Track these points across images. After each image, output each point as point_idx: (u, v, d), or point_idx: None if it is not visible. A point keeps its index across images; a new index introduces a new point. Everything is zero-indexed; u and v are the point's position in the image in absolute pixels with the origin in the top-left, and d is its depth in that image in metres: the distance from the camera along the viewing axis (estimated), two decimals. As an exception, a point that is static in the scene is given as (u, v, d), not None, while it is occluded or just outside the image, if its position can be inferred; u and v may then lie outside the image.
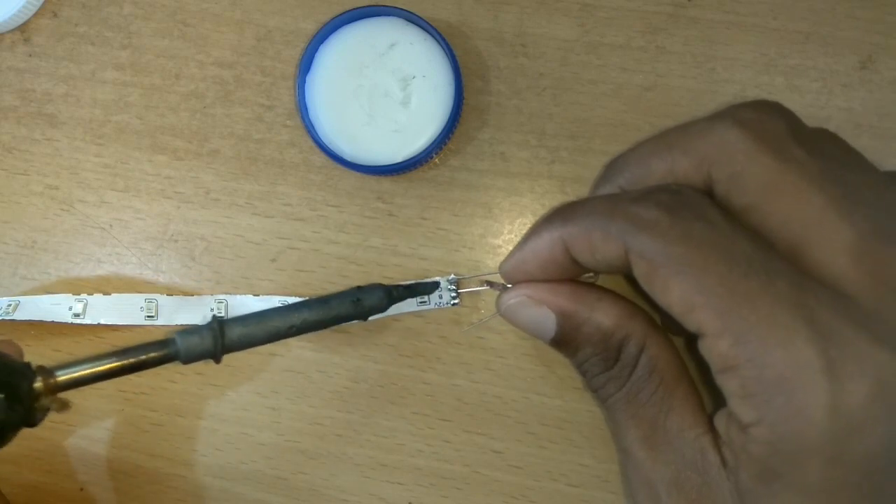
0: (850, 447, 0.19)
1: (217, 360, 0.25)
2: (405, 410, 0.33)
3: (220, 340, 0.24)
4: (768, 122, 0.23)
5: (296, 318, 0.25)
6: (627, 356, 0.24)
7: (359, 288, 0.26)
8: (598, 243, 0.23)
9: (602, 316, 0.24)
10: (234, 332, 0.25)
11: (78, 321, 0.33)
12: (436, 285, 0.30)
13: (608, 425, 0.25)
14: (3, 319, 0.32)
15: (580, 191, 0.34)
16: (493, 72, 0.34)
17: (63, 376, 0.23)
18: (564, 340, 0.25)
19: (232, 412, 0.34)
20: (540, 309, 0.25)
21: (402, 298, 0.28)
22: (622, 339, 0.24)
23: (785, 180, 0.22)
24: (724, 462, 0.22)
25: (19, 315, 0.33)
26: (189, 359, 0.24)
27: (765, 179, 0.22)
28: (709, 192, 0.23)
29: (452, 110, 0.32)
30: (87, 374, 0.23)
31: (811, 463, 0.20)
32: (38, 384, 0.23)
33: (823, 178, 0.22)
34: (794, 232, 0.21)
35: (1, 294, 0.35)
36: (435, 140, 0.32)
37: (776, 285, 0.20)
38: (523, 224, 0.34)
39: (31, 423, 0.23)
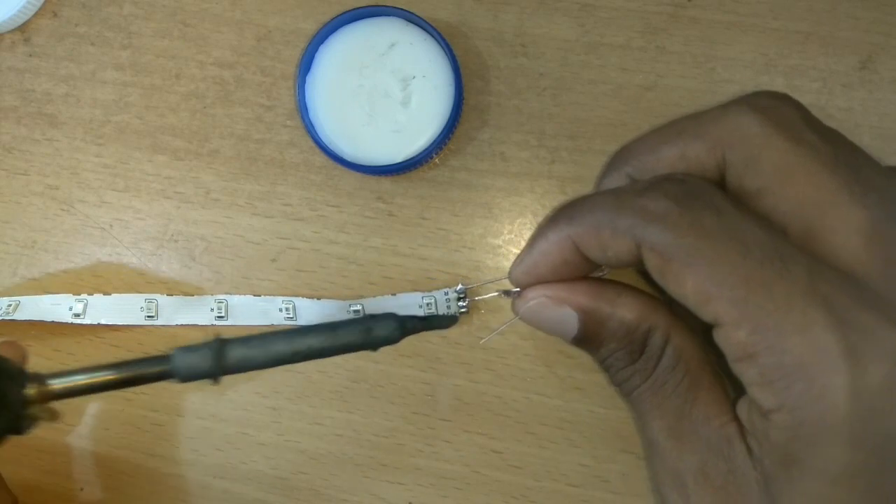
0: (871, 430, 0.20)
1: (216, 381, 0.24)
2: (405, 410, 0.33)
3: (219, 361, 0.23)
4: (782, 107, 0.23)
5: (301, 345, 0.24)
6: (653, 348, 0.24)
7: (371, 317, 0.25)
8: (608, 240, 0.23)
9: (625, 310, 0.24)
10: (234, 354, 0.24)
11: (78, 321, 0.33)
12: (454, 319, 0.29)
13: (633, 418, 0.25)
14: (3, 319, 0.32)
15: (580, 191, 0.33)
16: (493, 72, 0.34)
17: (57, 385, 0.22)
18: (588, 338, 0.25)
19: (232, 412, 0.34)
20: (561, 309, 0.25)
21: (415, 331, 0.26)
22: (646, 331, 0.24)
23: (799, 163, 0.22)
24: (749, 450, 0.22)
25: (19, 315, 0.33)
26: (187, 378, 0.23)
27: (779, 162, 0.22)
28: (719, 178, 0.23)
29: (452, 110, 0.32)
30: (83, 384, 0.23)
31: (832, 447, 0.20)
32: (30, 391, 0.22)
33: (836, 162, 0.22)
34: (807, 215, 0.22)
35: (1, 294, 0.35)
36: (435, 140, 0.32)
37: (791, 272, 0.20)
38: (523, 224, 0.34)
39: (19, 430, 0.22)
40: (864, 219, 0.21)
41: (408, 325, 0.26)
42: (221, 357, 0.24)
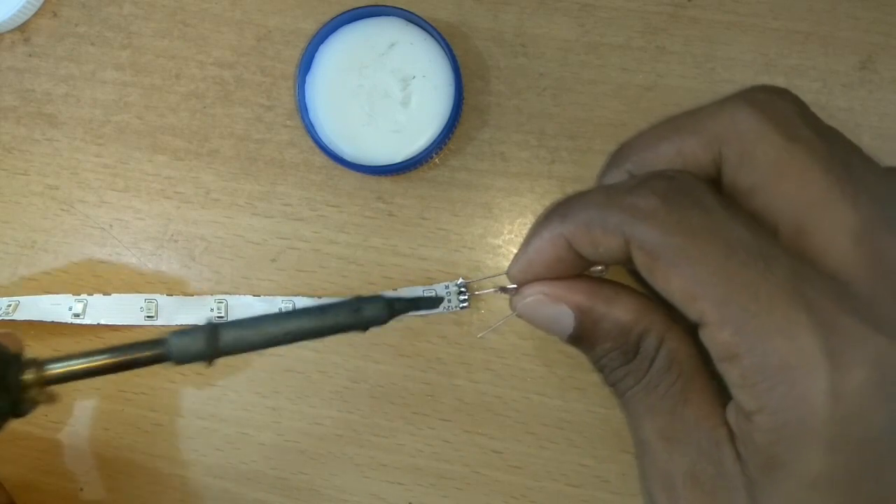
0: (852, 433, 0.20)
1: (210, 362, 0.24)
2: (405, 410, 0.33)
3: (212, 342, 0.24)
4: (779, 102, 0.23)
5: (292, 325, 0.25)
6: (647, 349, 0.24)
7: (359, 298, 0.26)
8: (599, 237, 0.23)
9: (621, 311, 0.24)
10: (228, 335, 0.24)
11: (78, 321, 0.33)
12: (439, 300, 0.29)
13: (625, 418, 0.26)
14: (3, 319, 0.32)
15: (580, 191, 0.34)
16: (493, 72, 0.34)
17: (54, 370, 0.23)
18: (583, 336, 0.25)
19: (232, 412, 0.34)
20: (557, 306, 0.25)
21: (403, 312, 0.26)
22: (641, 332, 0.24)
23: (793, 159, 0.22)
24: (738, 455, 0.22)
25: (19, 315, 0.33)
26: (181, 360, 0.24)
27: (773, 157, 0.22)
28: (716, 173, 0.23)
29: (452, 110, 0.32)
30: (79, 368, 0.23)
31: (813, 449, 0.20)
32: (27, 375, 0.23)
33: (830, 159, 0.22)
34: (798, 213, 0.21)
35: (1, 294, 0.35)
36: (435, 140, 0.32)
37: (775, 273, 0.20)
38: (523, 224, 0.34)
39: (19, 413, 0.23)
40: (854, 220, 0.21)
41: (395, 306, 0.26)
42: (215, 339, 0.24)
